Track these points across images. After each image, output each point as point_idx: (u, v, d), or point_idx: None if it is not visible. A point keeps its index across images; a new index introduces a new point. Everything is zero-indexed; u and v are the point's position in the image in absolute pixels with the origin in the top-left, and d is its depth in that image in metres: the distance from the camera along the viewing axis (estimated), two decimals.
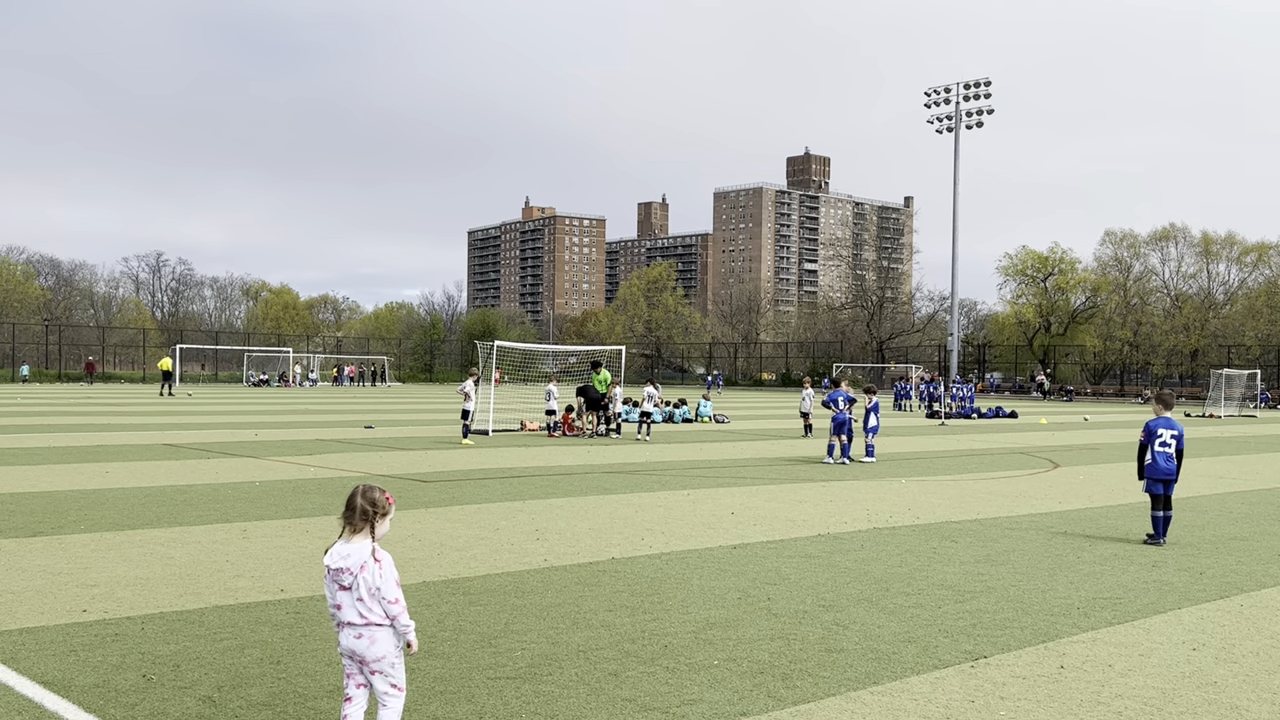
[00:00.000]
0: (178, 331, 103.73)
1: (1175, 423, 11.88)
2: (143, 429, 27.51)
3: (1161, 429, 11.73)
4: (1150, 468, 11.66)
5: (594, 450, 23.21)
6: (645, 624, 7.57)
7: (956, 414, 43.83)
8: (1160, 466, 11.63)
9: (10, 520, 11.78)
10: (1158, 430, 11.73)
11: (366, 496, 4.82)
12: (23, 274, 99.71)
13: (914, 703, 5.93)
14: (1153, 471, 11.64)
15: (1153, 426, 11.77)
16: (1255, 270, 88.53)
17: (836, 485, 16.93)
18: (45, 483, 15.29)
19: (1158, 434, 11.71)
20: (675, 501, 14.44)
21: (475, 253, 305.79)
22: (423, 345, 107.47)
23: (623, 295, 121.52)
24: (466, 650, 6.81)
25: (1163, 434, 11.70)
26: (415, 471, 17.84)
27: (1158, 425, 11.77)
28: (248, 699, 5.81)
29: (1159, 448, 11.68)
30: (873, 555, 10.50)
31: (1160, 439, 11.68)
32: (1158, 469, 11.63)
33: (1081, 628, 7.69)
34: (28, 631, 7.09)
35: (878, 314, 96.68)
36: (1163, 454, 11.66)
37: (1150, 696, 6.14)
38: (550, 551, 10.41)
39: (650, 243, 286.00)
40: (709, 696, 5.97)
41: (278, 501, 13.71)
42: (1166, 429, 11.74)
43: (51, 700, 5.73)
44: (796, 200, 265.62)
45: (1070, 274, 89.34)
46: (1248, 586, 9.34)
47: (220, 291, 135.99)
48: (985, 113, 78.16)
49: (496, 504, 13.86)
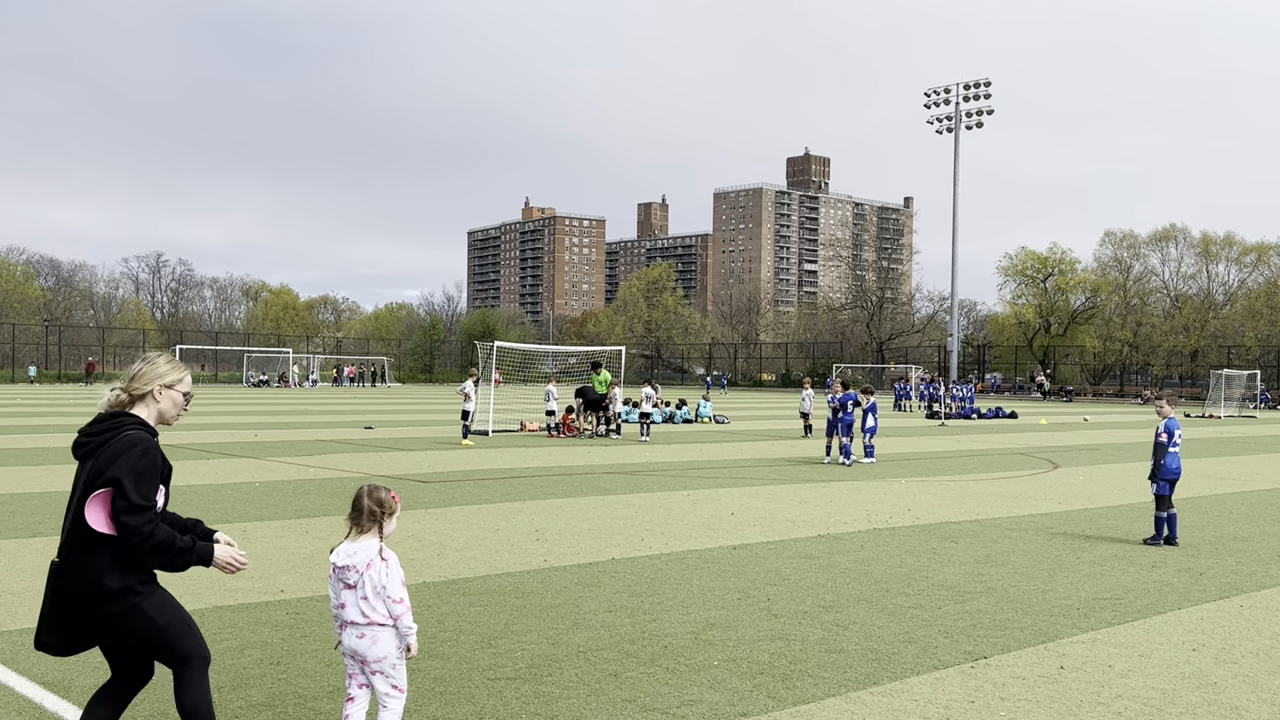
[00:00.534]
0: (177, 332, 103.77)
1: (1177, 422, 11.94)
2: None
3: (1176, 429, 11.75)
4: (1165, 468, 11.61)
5: (594, 451, 23.21)
6: (645, 625, 7.57)
7: (956, 414, 43.85)
8: (1171, 466, 11.62)
9: (10, 520, 11.78)
10: (1175, 430, 11.72)
11: (373, 497, 4.82)
12: (23, 274, 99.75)
13: (914, 703, 5.93)
14: (1167, 472, 11.60)
15: (1172, 426, 11.74)
16: (1255, 271, 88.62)
17: (836, 486, 16.93)
18: (45, 483, 15.28)
19: (1176, 434, 11.70)
20: (675, 502, 14.44)
21: (475, 253, 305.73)
22: (422, 346, 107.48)
23: (622, 296, 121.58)
24: (466, 651, 6.81)
25: (1177, 434, 11.74)
26: (415, 472, 17.84)
27: (1174, 425, 11.76)
28: (248, 700, 5.81)
29: (1174, 448, 11.68)
30: (872, 556, 10.50)
31: (1174, 440, 11.70)
32: (1171, 469, 11.62)
33: (1081, 628, 7.69)
34: (28, 632, 7.09)
35: (877, 314, 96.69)
36: (1174, 454, 11.67)
37: (1150, 697, 6.14)
38: (550, 552, 10.41)
39: (650, 243, 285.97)
40: (709, 697, 5.97)
41: (277, 502, 13.71)
42: (1178, 429, 11.78)
43: (51, 701, 5.73)
44: (796, 201, 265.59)
45: (1070, 274, 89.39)
46: (1248, 587, 9.34)
47: (220, 292, 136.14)
48: (985, 113, 78.22)
49: (496, 504, 13.86)
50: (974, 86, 78.34)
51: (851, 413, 21.09)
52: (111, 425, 4.38)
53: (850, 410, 21.11)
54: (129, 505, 4.18)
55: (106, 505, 4.23)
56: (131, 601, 4.28)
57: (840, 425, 21.08)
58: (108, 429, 4.37)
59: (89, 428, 4.41)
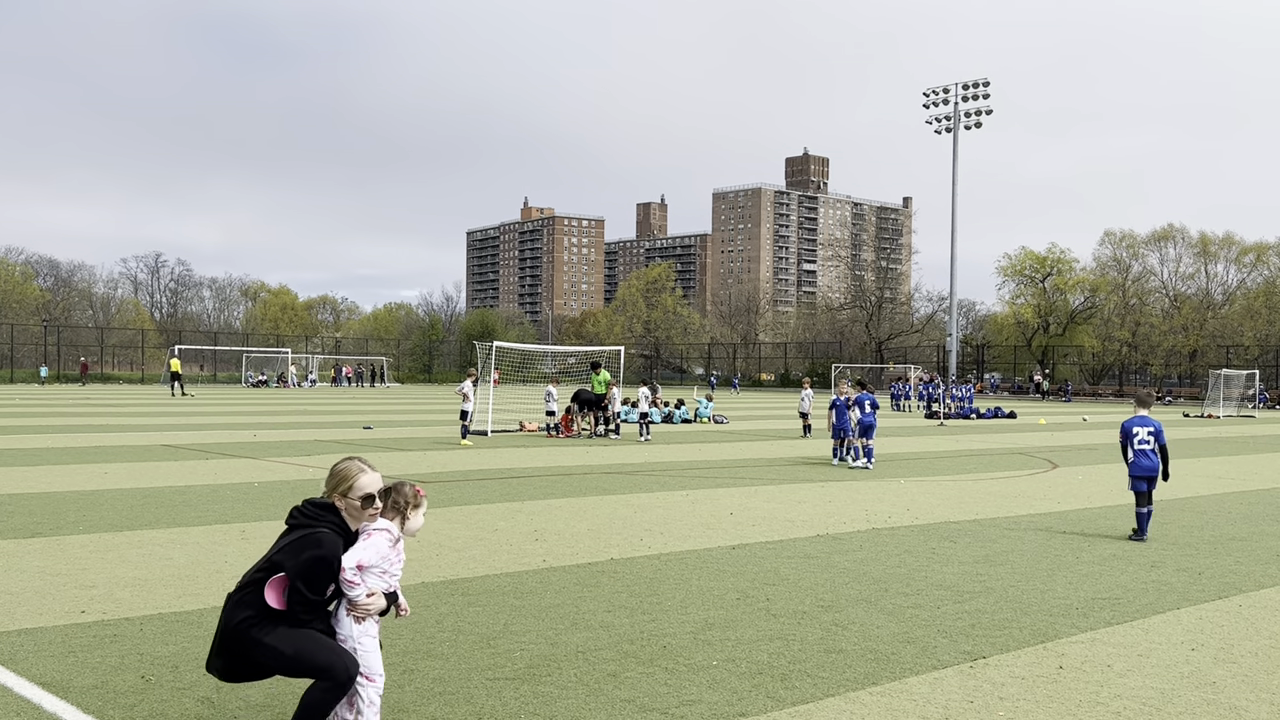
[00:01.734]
0: (176, 332, 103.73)
1: (1152, 420, 12.12)
2: (141, 430, 27.50)
3: (1137, 427, 12.00)
4: (1133, 465, 11.95)
5: (593, 451, 23.22)
6: (644, 625, 7.57)
7: (955, 414, 43.86)
8: (1141, 464, 11.91)
9: (9, 521, 11.77)
10: (1133, 429, 12.01)
11: (399, 491, 4.95)
12: (21, 275, 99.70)
13: (913, 703, 5.93)
14: (1135, 470, 11.93)
15: (1128, 426, 12.06)
16: (1253, 270, 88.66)
17: (835, 486, 16.94)
18: (44, 483, 15.28)
19: (1134, 433, 11.99)
20: (674, 502, 14.45)
21: (474, 253, 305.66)
22: (421, 346, 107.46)
23: (621, 296, 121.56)
24: (465, 651, 6.81)
25: (1139, 432, 11.97)
26: (414, 472, 17.83)
27: (1133, 424, 12.05)
28: (246, 700, 5.81)
29: (1138, 445, 11.96)
30: (871, 556, 10.50)
31: (1138, 437, 11.96)
32: (1139, 466, 11.92)
33: (1080, 628, 7.70)
34: (26, 633, 7.08)
35: (876, 314, 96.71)
36: (1142, 452, 11.93)
37: (1149, 697, 6.14)
38: (549, 552, 10.41)
39: (649, 243, 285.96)
40: (708, 697, 5.97)
41: (277, 502, 13.71)
42: (1142, 427, 12.00)
43: (50, 701, 5.73)
44: (795, 201, 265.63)
45: (1068, 274, 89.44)
46: (1246, 587, 9.34)
47: (219, 292, 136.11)
48: (984, 113, 78.25)
49: (495, 505, 13.86)
50: (972, 87, 78.33)
51: (872, 414, 20.66)
52: (314, 517, 4.79)
53: (870, 411, 20.68)
54: (303, 600, 4.67)
55: (282, 590, 4.70)
56: (269, 643, 4.68)
57: (860, 427, 20.48)
58: (310, 519, 4.77)
59: (305, 508, 4.84)
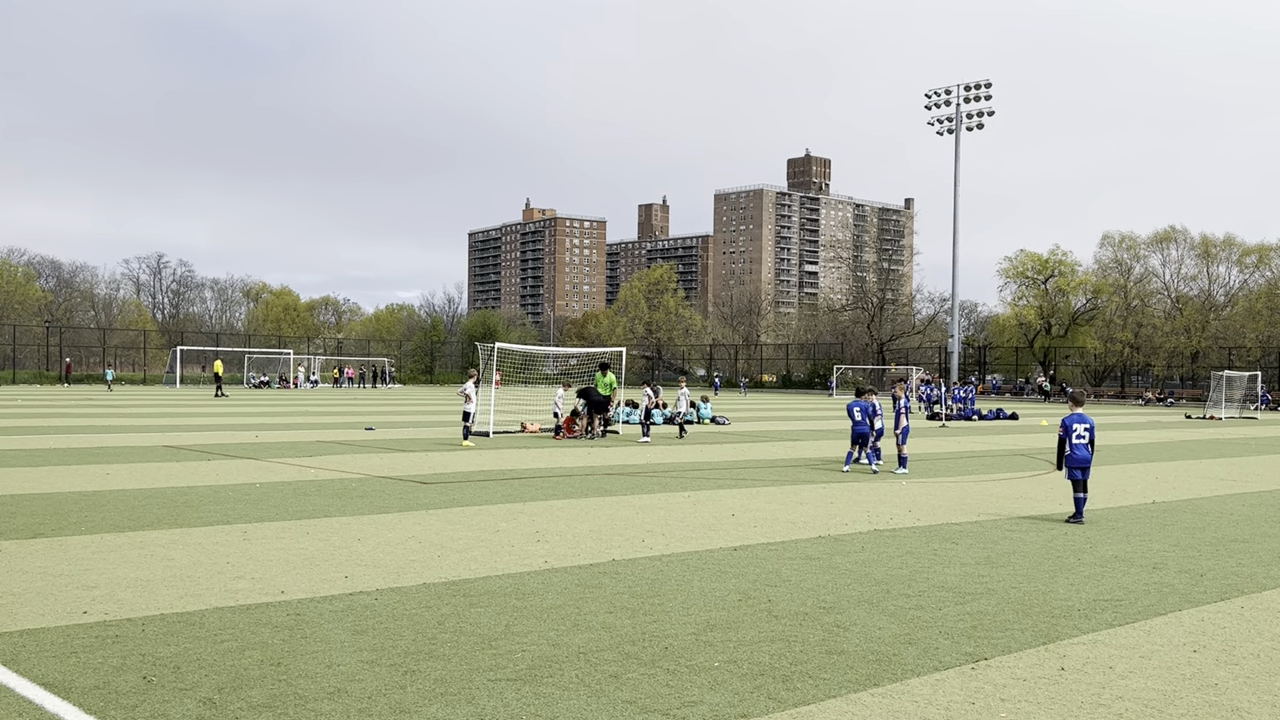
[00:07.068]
0: (178, 333, 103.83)
1: (1087, 417, 13.53)
2: (143, 430, 27.52)
3: (1075, 424, 13.41)
4: (1070, 458, 13.32)
5: (594, 452, 23.22)
6: (646, 626, 7.57)
7: (957, 416, 43.84)
8: (1078, 455, 13.31)
9: (11, 521, 11.78)
10: (1072, 425, 13.40)
11: None
12: (24, 276, 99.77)
13: (914, 705, 5.93)
14: (1072, 461, 13.30)
15: (1068, 422, 13.46)
16: (1255, 272, 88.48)
17: (837, 487, 16.93)
18: (46, 484, 15.29)
19: (1073, 428, 13.37)
20: (676, 503, 14.44)
21: (476, 255, 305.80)
22: (423, 347, 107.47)
23: (623, 297, 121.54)
24: (467, 652, 6.81)
25: (1077, 428, 13.37)
26: (416, 473, 17.84)
27: (1072, 421, 13.45)
28: (248, 701, 5.81)
29: (1075, 440, 13.33)
30: (873, 557, 10.50)
31: (1075, 432, 13.34)
32: (1076, 458, 13.30)
33: (1082, 630, 7.69)
34: (28, 633, 7.09)
35: (878, 316, 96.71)
36: (1080, 445, 13.32)
37: (1151, 698, 6.14)
38: (550, 553, 10.41)
39: (651, 244, 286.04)
40: (709, 698, 5.97)
41: (278, 503, 13.71)
42: (1080, 423, 13.40)
43: (52, 702, 5.73)
44: (797, 202, 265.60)
45: (1070, 276, 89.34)
46: (1248, 589, 9.34)
47: (220, 293, 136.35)
48: (986, 114, 78.28)
49: (497, 506, 13.86)
50: (974, 88, 78.39)
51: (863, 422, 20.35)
52: None
53: (859, 419, 20.22)
54: None
55: None
56: None
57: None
58: None
59: None
